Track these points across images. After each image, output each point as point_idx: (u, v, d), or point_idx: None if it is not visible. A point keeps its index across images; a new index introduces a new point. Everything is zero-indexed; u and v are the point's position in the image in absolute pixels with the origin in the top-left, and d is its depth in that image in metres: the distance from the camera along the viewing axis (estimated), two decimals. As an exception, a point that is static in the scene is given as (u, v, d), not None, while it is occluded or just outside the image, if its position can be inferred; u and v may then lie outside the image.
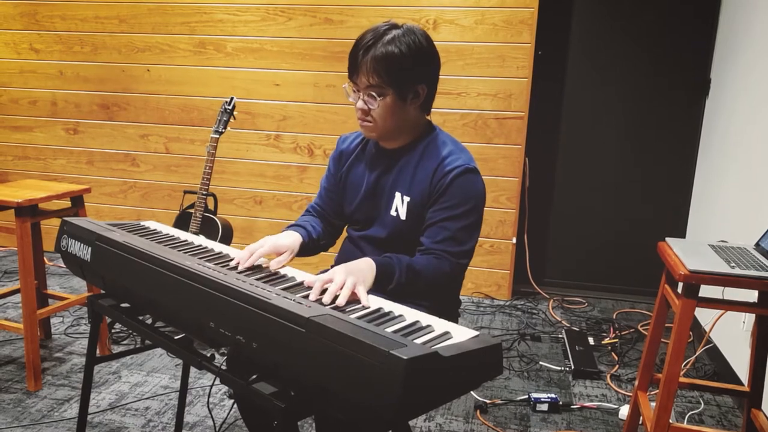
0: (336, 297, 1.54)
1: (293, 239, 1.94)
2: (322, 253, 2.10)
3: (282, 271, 1.76)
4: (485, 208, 1.99)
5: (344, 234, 2.20)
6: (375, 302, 1.59)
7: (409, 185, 1.92)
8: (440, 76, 1.93)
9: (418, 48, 1.82)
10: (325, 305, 1.50)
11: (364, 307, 1.53)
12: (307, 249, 2.01)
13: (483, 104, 4.21)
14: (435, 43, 1.88)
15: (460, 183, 1.84)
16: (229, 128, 3.62)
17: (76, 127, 4.88)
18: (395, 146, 1.97)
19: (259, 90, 4.53)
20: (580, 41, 4.38)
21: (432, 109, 1.97)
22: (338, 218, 2.16)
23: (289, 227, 2.02)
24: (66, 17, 4.70)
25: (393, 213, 1.95)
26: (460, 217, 1.85)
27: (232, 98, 3.58)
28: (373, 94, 1.83)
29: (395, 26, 1.84)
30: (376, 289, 1.71)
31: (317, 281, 1.59)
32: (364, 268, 1.70)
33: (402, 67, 1.80)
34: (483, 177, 1.91)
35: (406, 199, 1.92)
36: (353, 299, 1.57)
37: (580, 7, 4.34)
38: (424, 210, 1.89)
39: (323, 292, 1.57)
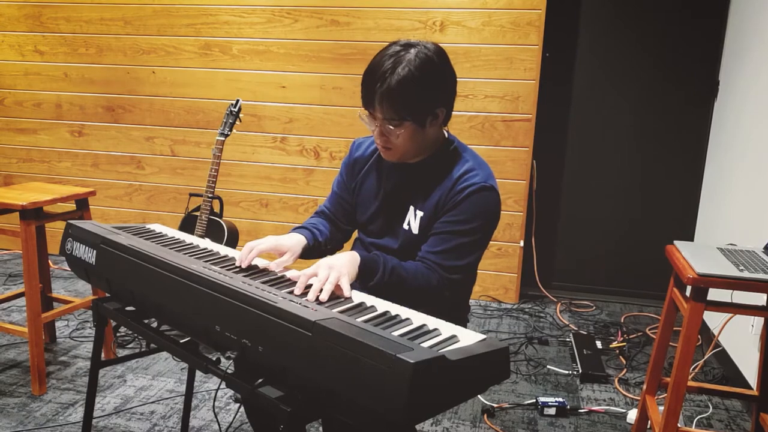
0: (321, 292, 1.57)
1: (296, 241, 1.92)
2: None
3: (288, 274, 1.75)
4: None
5: (354, 234, 2.19)
6: (358, 296, 1.61)
7: (424, 200, 1.90)
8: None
9: (432, 72, 1.75)
10: (310, 301, 1.52)
11: (371, 311, 1.52)
12: (312, 252, 1.99)
13: (490, 106, 4.20)
14: (441, 45, 1.85)
15: (474, 200, 1.82)
16: (234, 131, 3.62)
17: (81, 130, 4.88)
18: (413, 161, 1.94)
19: (265, 92, 4.53)
20: (587, 43, 4.37)
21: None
22: (348, 223, 2.14)
23: (295, 229, 2.01)
24: (71, 19, 4.71)
25: (405, 226, 1.93)
26: (464, 233, 1.83)
27: (237, 100, 3.58)
28: (391, 127, 1.78)
29: (408, 47, 1.76)
30: (357, 283, 1.73)
31: (301, 275, 1.62)
32: (348, 260, 1.70)
33: (418, 98, 1.74)
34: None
35: (420, 213, 1.90)
36: (336, 293, 1.61)
37: (587, 8, 4.33)
38: (435, 222, 1.88)
39: (308, 287, 1.59)
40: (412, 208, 1.92)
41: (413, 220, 1.91)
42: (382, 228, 2.01)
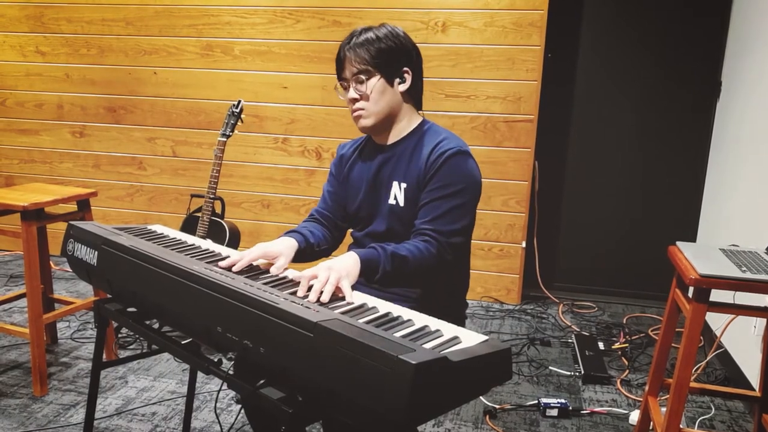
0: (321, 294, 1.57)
1: (286, 245, 1.91)
2: (324, 258, 2.07)
3: (289, 275, 1.75)
4: (494, 212, 1.99)
5: (349, 239, 2.20)
6: (360, 297, 1.61)
7: (405, 172, 1.97)
8: (449, 79, 1.94)
9: (396, 37, 1.94)
10: (311, 302, 1.52)
11: (373, 312, 1.52)
12: (304, 255, 2.00)
13: (492, 107, 4.19)
14: (443, 45, 1.88)
15: (452, 163, 1.89)
16: (236, 131, 3.61)
17: (83, 131, 4.89)
18: (391, 141, 2.03)
19: (266, 93, 4.52)
20: (589, 43, 4.36)
21: (440, 112, 1.97)
22: (344, 220, 2.18)
23: (286, 233, 2.02)
24: (72, 20, 4.71)
25: (392, 201, 1.99)
26: (451, 196, 1.88)
27: (239, 101, 3.58)
28: (361, 77, 1.93)
29: (373, 26, 1.97)
30: (364, 281, 1.75)
31: (302, 278, 1.62)
32: (348, 262, 1.72)
33: (383, 50, 1.92)
34: (492, 180, 1.91)
35: (403, 185, 1.97)
36: (338, 294, 1.61)
37: (589, 9, 4.32)
38: (420, 194, 1.93)
39: (310, 288, 1.59)
40: (395, 182, 1.98)
41: (399, 193, 1.98)
42: (371, 212, 2.06)
